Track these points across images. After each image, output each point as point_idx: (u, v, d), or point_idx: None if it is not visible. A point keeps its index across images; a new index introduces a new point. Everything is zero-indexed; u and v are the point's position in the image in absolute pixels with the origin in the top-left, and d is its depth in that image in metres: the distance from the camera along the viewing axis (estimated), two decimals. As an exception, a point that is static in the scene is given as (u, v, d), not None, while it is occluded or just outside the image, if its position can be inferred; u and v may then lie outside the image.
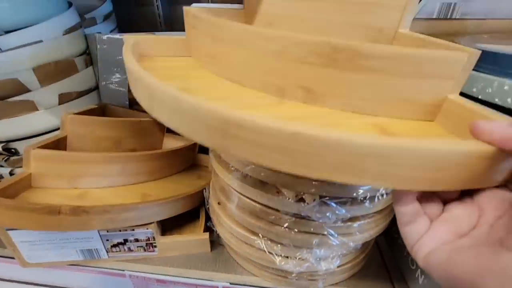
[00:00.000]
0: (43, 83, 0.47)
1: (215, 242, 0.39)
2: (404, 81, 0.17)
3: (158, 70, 0.24)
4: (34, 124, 0.48)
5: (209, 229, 0.38)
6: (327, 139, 0.12)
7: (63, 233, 0.32)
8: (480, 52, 0.17)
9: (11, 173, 0.47)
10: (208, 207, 0.38)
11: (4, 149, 0.47)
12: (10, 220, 0.27)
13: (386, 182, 0.13)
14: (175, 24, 0.95)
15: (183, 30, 0.27)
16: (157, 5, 0.89)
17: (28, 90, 0.46)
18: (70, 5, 0.55)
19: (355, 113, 0.19)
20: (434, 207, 0.17)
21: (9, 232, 0.31)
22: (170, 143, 0.51)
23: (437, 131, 0.18)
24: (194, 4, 0.27)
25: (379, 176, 0.13)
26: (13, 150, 0.49)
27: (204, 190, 0.39)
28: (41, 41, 0.46)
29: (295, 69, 0.20)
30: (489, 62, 0.24)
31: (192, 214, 0.41)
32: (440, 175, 0.13)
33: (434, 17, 0.41)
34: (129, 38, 0.23)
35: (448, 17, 0.41)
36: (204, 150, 0.53)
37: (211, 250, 0.39)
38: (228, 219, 0.33)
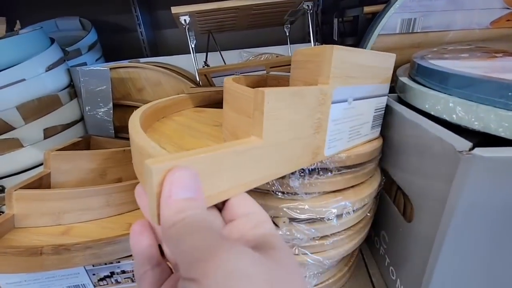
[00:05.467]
0: (27, 120, 0.48)
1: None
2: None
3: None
4: (20, 160, 0.48)
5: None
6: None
7: (49, 271, 0.32)
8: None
9: (-2, 211, 0.47)
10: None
11: (-9, 187, 0.48)
12: (-7, 265, 0.27)
13: None
14: (159, 48, 0.98)
15: (167, 54, 0.30)
16: (140, 31, 0.92)
17: (12, 128, 0.47)
18: (52, 41, 0.57)
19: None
20: None
21: (-6, 275, 0.31)
22: (156, 169, 0.51)
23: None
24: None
25: None
26: (0, 187, 0.50)
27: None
28: (24, 79, 0.47)
29: None
30: (437, 80, 0.26)
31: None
32: None
33: (397, 32, 0.44)
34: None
35: (410, 31, 0.43)
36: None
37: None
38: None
